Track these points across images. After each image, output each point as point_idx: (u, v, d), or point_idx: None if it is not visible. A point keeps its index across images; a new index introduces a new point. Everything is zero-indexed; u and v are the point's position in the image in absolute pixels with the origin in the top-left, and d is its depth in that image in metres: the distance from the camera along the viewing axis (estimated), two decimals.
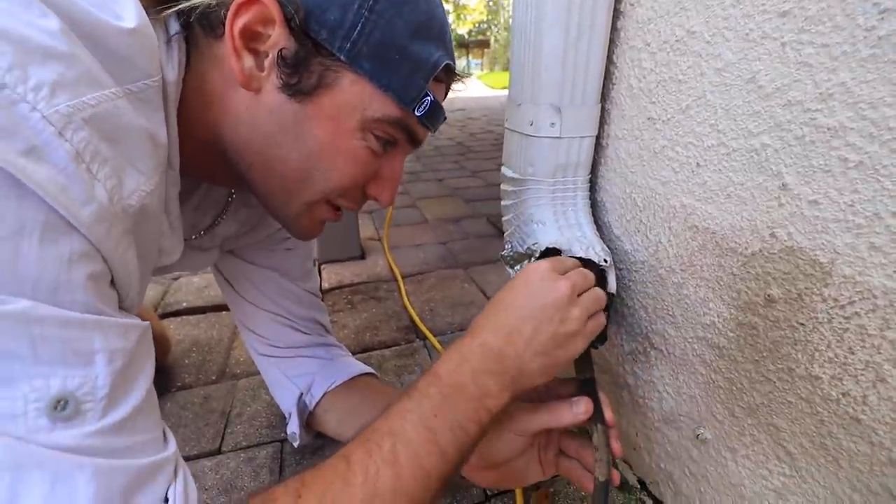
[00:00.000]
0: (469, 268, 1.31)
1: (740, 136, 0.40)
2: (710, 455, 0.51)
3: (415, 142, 0.43)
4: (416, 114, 0.39)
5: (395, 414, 0.37)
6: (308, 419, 0.64)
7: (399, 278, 1.20)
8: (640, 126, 0.52)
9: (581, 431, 0.51)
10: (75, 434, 0.24)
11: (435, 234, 1.57)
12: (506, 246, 0.62)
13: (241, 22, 0.34)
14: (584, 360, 0.50)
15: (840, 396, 0.36)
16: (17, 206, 0.22)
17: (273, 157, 0.39)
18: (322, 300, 0.71)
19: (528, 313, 0.40)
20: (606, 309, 0.52)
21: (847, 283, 0.34)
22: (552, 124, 0.53)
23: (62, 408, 0.23)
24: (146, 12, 0.31)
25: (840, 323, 0.35)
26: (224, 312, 1.05)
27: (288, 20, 0.34)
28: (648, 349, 0.58)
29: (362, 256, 1.37)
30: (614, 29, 0.53)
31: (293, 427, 0.63)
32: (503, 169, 0.63)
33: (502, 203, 0.64)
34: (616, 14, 0.52)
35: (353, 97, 0.37)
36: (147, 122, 0.30)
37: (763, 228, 0.39)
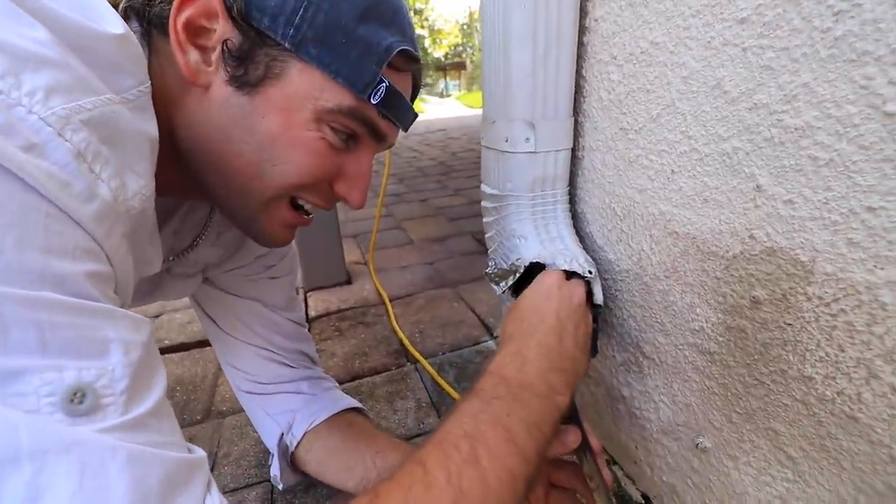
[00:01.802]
0: (457, 286, 1.30)
1: (711, 141, 0.40)
2: (711, 464, 0.50)
3: (378, 136, 0.41)
4: (372, 102, 0.37)
5: (465, 416, 0.35)
6: (291, 459, 0.61)
7: (387, 301, 1.19)
8: (613, 136, 0.52)
9: (565, 461, 0.49)
10: (97, 429, 0.21)
11: (421, 255, 1.56)
12: (489, 263, 0.61)
13: (183, 16, 0.33)
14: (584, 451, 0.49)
15: (835, 396, 0.35)
16: (21, 197, 0.21)
17: (227, 154, 0.37)
18: (307, 329, 0.69)
19: (566, 314, 0.43)
20: (595, 320, 0.52)
21: (830, 281, 0.33)
22: (527, 139, 0.53)
23: (79, 400, 0.21)
24: None
25: (827, 321, 0.34)
26: (208, 348, 1.02)
27: (229, 10, 0.34)
28: (640, 359, 0.57)
29: (349, 281, 1.35)
30: (581, 44, 0.53)
31: (275, 469, 0.61)
32: (482, 186, 0.62)
33: (484, 220, 0.64)
34: (581, 30, 0.53)
35: (303, 87, 0.36)
36: (145, 126, 0.30)
37: (742, 231, 0.39)
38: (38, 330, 0.21)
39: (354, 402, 0.66)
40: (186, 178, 0.40)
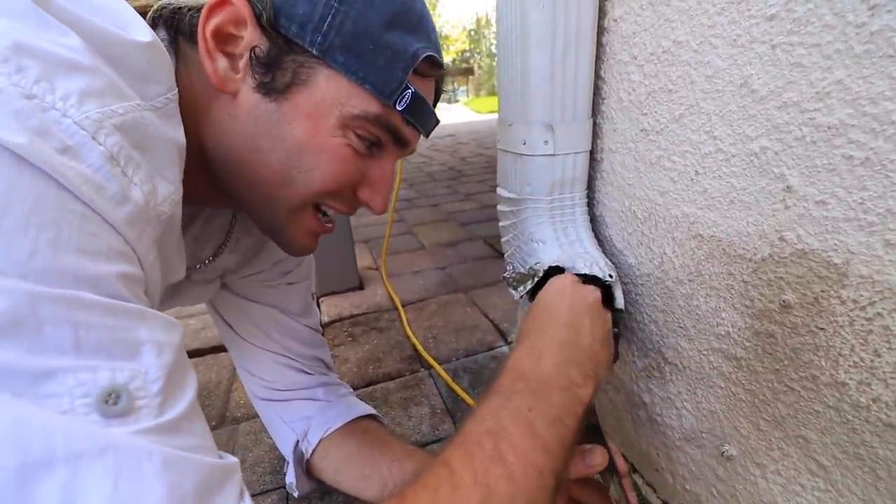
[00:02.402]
0: (469, 291, 1.29)
1: (738, 141, 0.39)
2: (737, 473, 0.49)
3: (402, 143, 0.41)
4: (398, 108, 0.38)
5: (486, 414, 0.35)
6: (307, 466, 0.61)
7: (399, 307, 1.18)
8: (633, 138, 0.52)
9: (592, 480, 0.48)
10: (132, 431, 0.21)
11: (433, 260, 1.56)
12: (507, 268, 0.61)
13: (212, 24, 0.34)
14: (595, 434, 0.48)
15: (870, 402, 0.34)
16: (56, 197, 0.21)
17: (255, 163, 0.38)
18: (322, 335, 0.69)
19: (582, 310, 0.43)
20: (615, 325, 0.51)
21: (865, 283, 0.32)
22: (545, 142, 0.52)
23: (114, 402, 0.21)
24: None
25: (862, 325, 0.33)
26: (223, 354, 1.02)
27: (258, 18, 0.34)
28: (662, 364, 0.56)
29: (361, 287, 1.35)
30: (599, 45, 0.53)
31: (290, 477, 0.60)
32: (499, 190, 0.62)
33: (500, 224, 0.63)
34: (600, 30, 0.52)
35: (330, 93, 0.36)
36: (173, 133, 0.30)
37: (771, 232, 0.38)
38: (73, 329, 0.20)
39: (370, 409, 0.65)
40: (214, 186, 0.40)
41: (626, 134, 0.52)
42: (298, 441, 0.60)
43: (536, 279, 0.53)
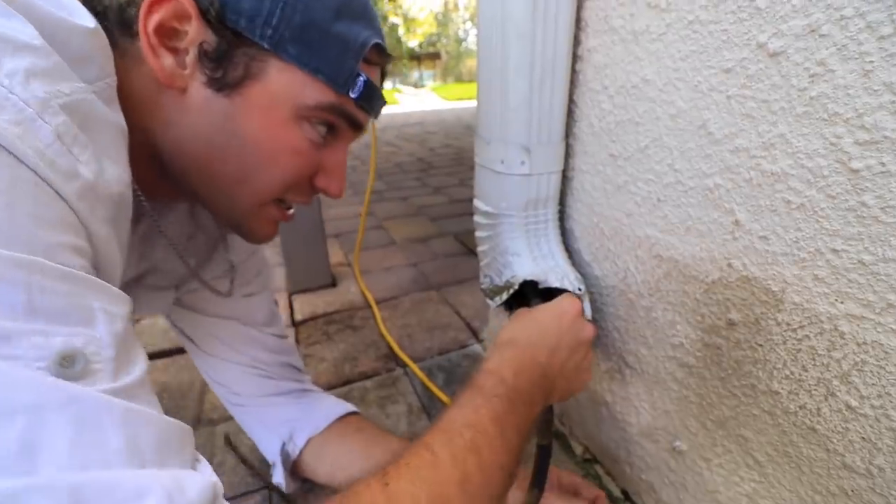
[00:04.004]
0: (441, 289, 1.32)
1: (695, 175, 0.44)
2: (686, 465, 0.55)
3: (356, 126, 0.42)
4: (352, 96, 0.38)
5: (467, 408, 0.37)
6: (293, 467, 0.63)
7: (373, 304, 1.20)
8: (602, 162, 0.55)
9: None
10: (91, 390, 0.21)
11: (405, 256, 1.58)
12: (484, 279, 0.64)
13: (154, 20, 0.33)
14: (547, 424, 0.52)
15: (798, 409, 0.40)
16: (10, 165, 0.22)
17: (211, 159, 0.38)
18: (287, 338, 0.69)
19: (566, 343, 0.46)
20: None
21: (797, 310, 0.38)
22: (522, 162, 0.55)
23: (69, 364, 0.21)
24: None
25: (793, 344, 0.39)
26: None
27: (204, 13, 0.33)
28: (623, 368, 0.61)
29: (333, 284, 1.35)
30: (574, 71, 0.56)
31: (278, 477, 0.62)
32: (476, 202, 0.65)
33: (477, 234, 0.66)
34: (575, 58, 0.55)
35: (283, 85, 0.36)
36: (115, 117, 0.30)
37: (721, 259, 0.43)
38: (27, 293, 0.21)
39: (351, 407, 0.67)
40: (165, 178, 0.40)
41: (597, 157, 0.56)
42: (284, 443, 0.61)
43: (512, 291, 0.57)
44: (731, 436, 0.47)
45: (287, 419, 0.63)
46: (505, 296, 0.57)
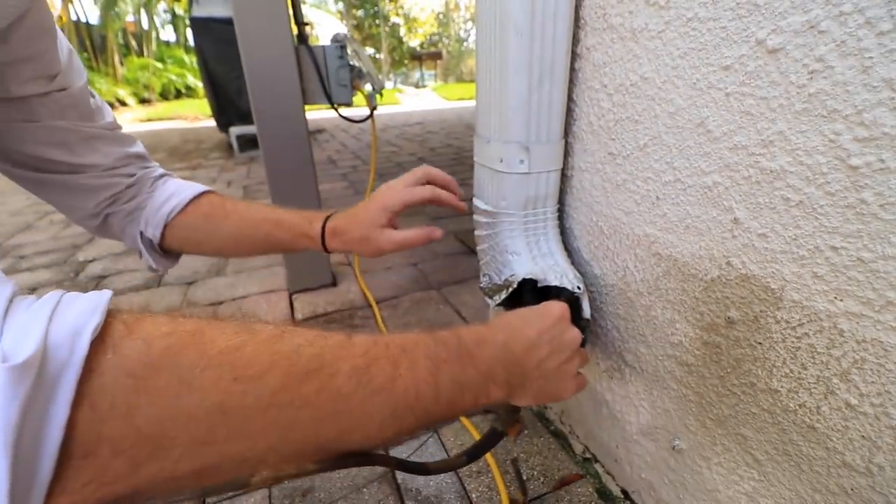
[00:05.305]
0: (442, 288, 1.32)
1: (694, 174, 0.44)
2: (686, 464, 0.55)
3: None
4: None
5: (410, 338, 0.36)
6: (163, 247, 0.62)
7: (374, 304, 1.20)
8: (601, 160, 0.55)
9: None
10: None
11: (405, 255, 1.58)
12: (483, 278, 0.64)
13: None
14: (510, 415, 0.51)
15: (797, 407, 0.40)
16: None
17: None
18: (122, 129, 0.61)
19: (546, 340, 0.43)
20: (583, 333, 0.55)
21: (796, 308, 0.37)
22: (521, 161, 0.55)
23: None
24: None
25: (793, 342, 0.39)
26: None
27: None
28: (623, 366, 0.61)
29: (334, 283, 1.35)
30: (573, 70, 0.56)
31: (147, 261, 0.63)
32: (475, 201, 0.65)
33: (476, 233, 0.66)
34: (573, 56, 0.55)
35: None
36: None
37: (720, 257, 0.43)
38: None
39: (205, 187, 0.64)
40: None
41: (596, 155, 0.56)
42: (142, 232, 0.60)
43: (511, 290, 0.57)
44: (731, 434, 0.47)
45: (139, 207, 0.61)
46: (504, 294, 0.57)
